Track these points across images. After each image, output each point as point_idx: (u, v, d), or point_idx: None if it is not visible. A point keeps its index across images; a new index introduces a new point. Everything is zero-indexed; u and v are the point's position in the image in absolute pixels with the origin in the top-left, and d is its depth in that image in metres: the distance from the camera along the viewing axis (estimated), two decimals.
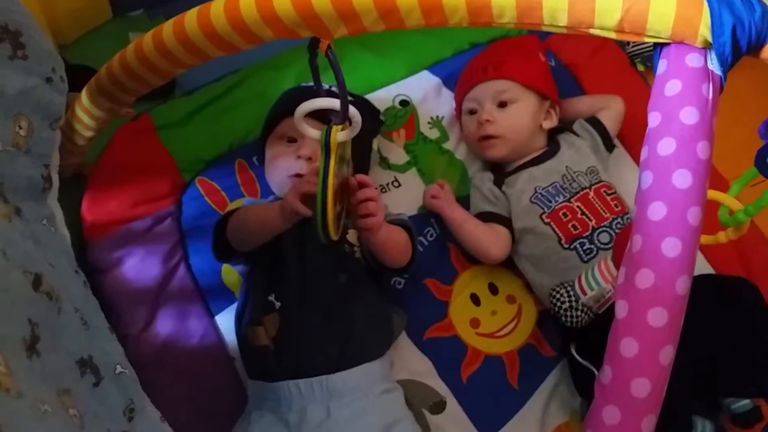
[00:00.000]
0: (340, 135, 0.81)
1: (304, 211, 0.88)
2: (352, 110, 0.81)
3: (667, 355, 0.60)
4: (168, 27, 0.81)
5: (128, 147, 1.24)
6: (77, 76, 1.03)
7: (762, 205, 0.77)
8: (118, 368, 0.74)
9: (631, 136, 1.37)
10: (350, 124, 0.83)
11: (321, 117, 0.86)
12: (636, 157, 1.37)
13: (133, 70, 0.89)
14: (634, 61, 1.53)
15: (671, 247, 0.60)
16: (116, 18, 1.41)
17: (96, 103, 0.98)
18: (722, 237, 0.88)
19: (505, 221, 1.19)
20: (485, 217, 1.21)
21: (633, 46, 1.51)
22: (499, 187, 1.23)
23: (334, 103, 0.79)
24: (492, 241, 1.17)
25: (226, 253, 1.08)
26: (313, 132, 0.84)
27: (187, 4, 0.82)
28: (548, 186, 1.19)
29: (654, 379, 0.60)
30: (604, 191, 1.20)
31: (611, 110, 1.30)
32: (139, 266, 1.16)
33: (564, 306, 1.05)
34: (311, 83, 0.87)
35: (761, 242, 1.28)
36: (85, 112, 1.00)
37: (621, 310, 0.62)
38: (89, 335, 0.73)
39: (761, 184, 0.81)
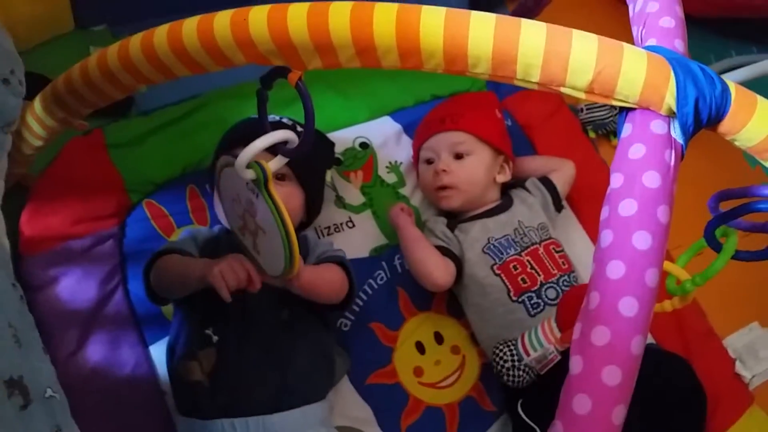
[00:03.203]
0: (273, 163, 0.79)
1: (226, 298, 0.89)
2: (287, 134, 0.79)
3: (619, 414, 0.59)
4: (135, 40, 0.79)
5: (76, 162, 1.20)
6: (31, 84, 0.99)
7: (709, 275, 0.79)
8: (49, 391, 0.69)
9: (579, 199, 1.41)
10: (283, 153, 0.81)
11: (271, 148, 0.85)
12: (582, 220, 1.41)
13: (93, 81, 0.86)
14: (586, 128, 1.58)
15: (628, 306, 0.60)
16: (78, 30, 1.38)
17: (49, 112, 0.94)
18: (668, 306, 0.90)
19: (456, 259, 1.19)
20: (438, 250, 1.21)
21: (586, 113, 1.56)
22: (452, 231, 1.24)
23: (277, 137, 0.78)
24: (438, 265, 1.17)
25: (158, 299, 1.06)
26: (248, 174, 0.80)
27: (153, 23, 0.80)
28: (501, 238, 1.20)
29: None
30: (553, 248, 1.22)
31: (563, 172, 1.34)
32: (74, 287, 1.11)
33: (507, 365, 1.06)
34: (269, 115, 0.85)
35: (699, 313, 1.32)
36: (37, 121, 0.96)
37: (576, 366, 0.62)
38: (21, 354, 0.68)
39: (706, 255, 0.84)
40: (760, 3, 1.68)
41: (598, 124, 1.56)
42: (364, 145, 1.38)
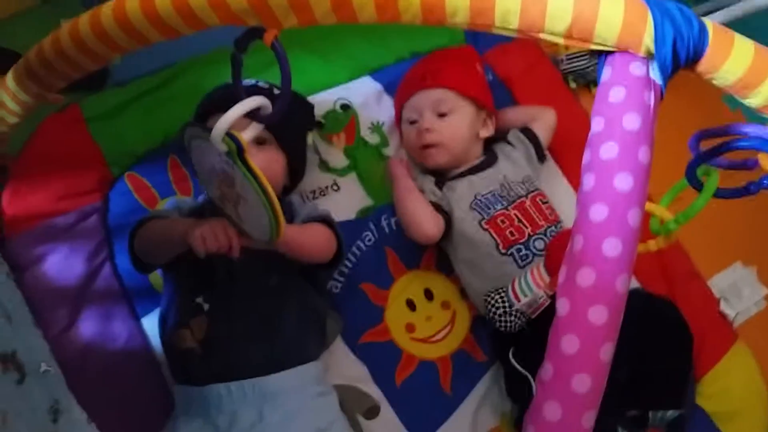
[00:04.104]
0: (247, 132, 0.79)
1: (200, 255, 0.89)
2: (260, 100, 0.78)
3: (607, 352, 0.61)
4: (107, 8, 0.78)
5: (55, 138, 1.18)
6: (2, 60, 0.97)
7: (691, 214, 0.80)
8: (44, 366, 0.70)
9: (561, 150, 1.41)
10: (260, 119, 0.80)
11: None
12: (565, 170, 1.41)
13: (66, 53, 0.84)
14: (566, 78, 1.58)
15: (612, 246, 0.62)
16: (47, 4, 1.35)
17: (23, 87, 0.93)
18: (652, 245, 0.91)
19: (446, 215, 1.21)
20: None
21: (566, 64, 1.55)
22: (440, 189, 1.25)
23: (249, 105, 0.77)
24: (427, 218, 1.18)
25: (143, 266, 1.05)
26: (222, 146, 0.79)
27: None
28: (487, 193, 1.21)
29: (594, 375, 0.61)
30: (540, 199, 1.23)
31: (543, 121, 1.34)
32: (61, 264, 1.11)
33: (498, 311, 1.07)
34: (245, 80, 0.84)
35: (683, 255, 1.34)
36: (11, 97, 0.95)
37: (562, 307, 0.63)
38: (12, 330, 0.68)
39: (688, 195, 0.85)
40: None
41: (578, 74, 1.56)
42: (345, 107, 1.36)
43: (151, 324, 1.11)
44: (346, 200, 1.29)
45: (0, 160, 1.13)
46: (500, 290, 1.08)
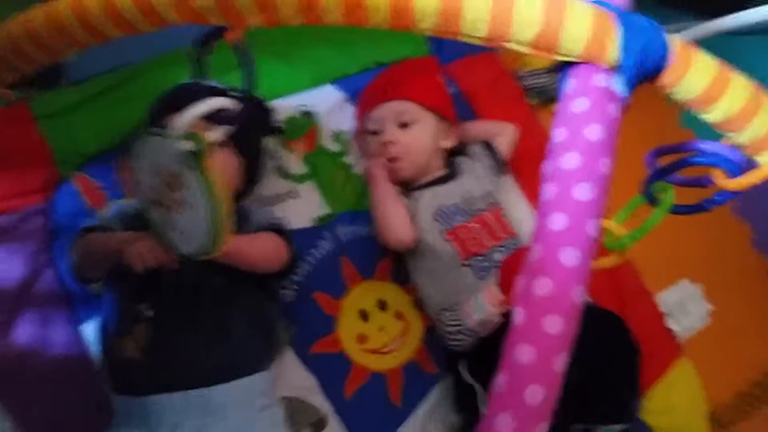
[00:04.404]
0: (213, 134, 0.77)
1: (138, 271, 0.89)
2: (225, 101, 0.77)
3: (560, 362, 0.61)
4: (64, 1, 0.75)
5: (1, 135, 1.13)
6: None
7: (647, 229, 0.81)
8: None
9: (518, 165, 1.42)
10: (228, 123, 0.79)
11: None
12: (522, 185, 1.43)
13: (19, 45, 0.81)
14: (527, 94, 1.59)
15: (570, 256, 0.62)
16: None
17: None
18: (606, 262, 0.92)
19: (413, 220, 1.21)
20: None
21: (528, 80, 1.57)
22: (406, 198, 1.25)
23: (215, 104, 0.75)
24: (404, 224, 1.19)
25: (82, 280, 1.03)
26: (184, 145, 0.78)
27: None
28: (450, 205, 1.22)
29: (548, 386, 0.61)
30: (500, 213, 1.25)
31: (505, 136, 1.36)
32: (1, 265, 1.06)
33: (450, 329, 1.07)
34: (201, 80, 0.82)
35: (632, 272, 1.37)
36: None
37: (518, 316, 0.63)
38: None
39: (642, 212, 0.86)
40: None
41: (538, 91, 1.58)
42: (307, 114, 1.35)
43: (92, 330, 1.08)
44: (304, 207, 1.28)
45: None
46: (454, 307, 1.09)
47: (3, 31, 0.82)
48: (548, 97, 1.55)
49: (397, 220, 1.19)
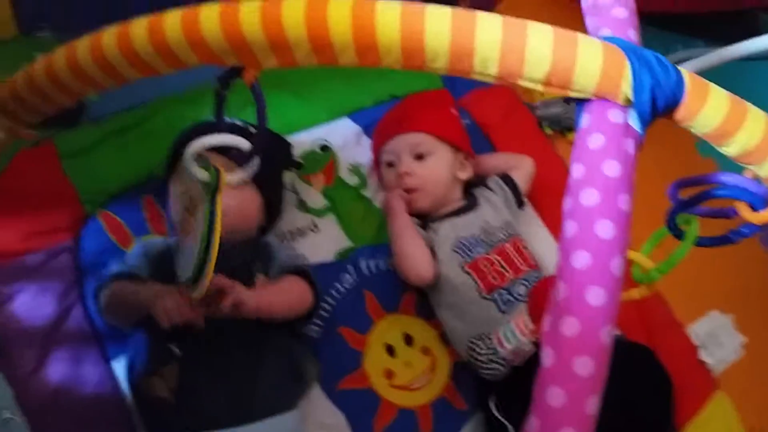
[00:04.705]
0: (233, 175, 0.78)
1: (165, 328, 0.90)
2: (241, 140, 0.78)
3: (592, 405, 0.59)
4: (83, 44, 0.76)
5: (27, 174, 1.17)
6: None
7: (673, 262, 0.80)
8: (6, 414, 0.67)
9: (538, 196, 1.41)
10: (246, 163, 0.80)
11: (224, 154, 0.83)
12: (542, 216, 1.41)
13: (40, 88, 0.82)
14: (542, 124, 1.59)
15: (596, 295, 0.60)
16: (21, 37, 1.33)
17: None
18: (635, 294, 0.90)
19: (433, 253, 1.20)
20: None
21: (542, 110, 1.57)
22: (425, 230, 1.24)
23: (230, 140, 0.76)
24: (424, 259, 1.17)
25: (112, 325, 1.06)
26: (201, 174, 0.79)
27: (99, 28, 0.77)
28: (469, 237, 1.20)
29: (580, 429, 0.59)
30: (520, 245, 1.23)
31: (522, 169, 1.35)
32: (30, 304, 1.08)
33: (482, 358, 1.06)
34: (221, 118, 0.84)
35: (661, 303, 1.34)
36: None
37: (547, 358, 0.61)
38: None
39: (667, 246, 0.84)
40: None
41: (553, 121, 1.57)
42: (325, 148, 1.36)
43: (121, 368, 1.07)
44: (325, 242, 1.28)
45: None
46: (484, 336, 1.07)
47: (24, 74, 0.84)
48: (563, 126, 1.54)
49: (416, 255, 1.18)
